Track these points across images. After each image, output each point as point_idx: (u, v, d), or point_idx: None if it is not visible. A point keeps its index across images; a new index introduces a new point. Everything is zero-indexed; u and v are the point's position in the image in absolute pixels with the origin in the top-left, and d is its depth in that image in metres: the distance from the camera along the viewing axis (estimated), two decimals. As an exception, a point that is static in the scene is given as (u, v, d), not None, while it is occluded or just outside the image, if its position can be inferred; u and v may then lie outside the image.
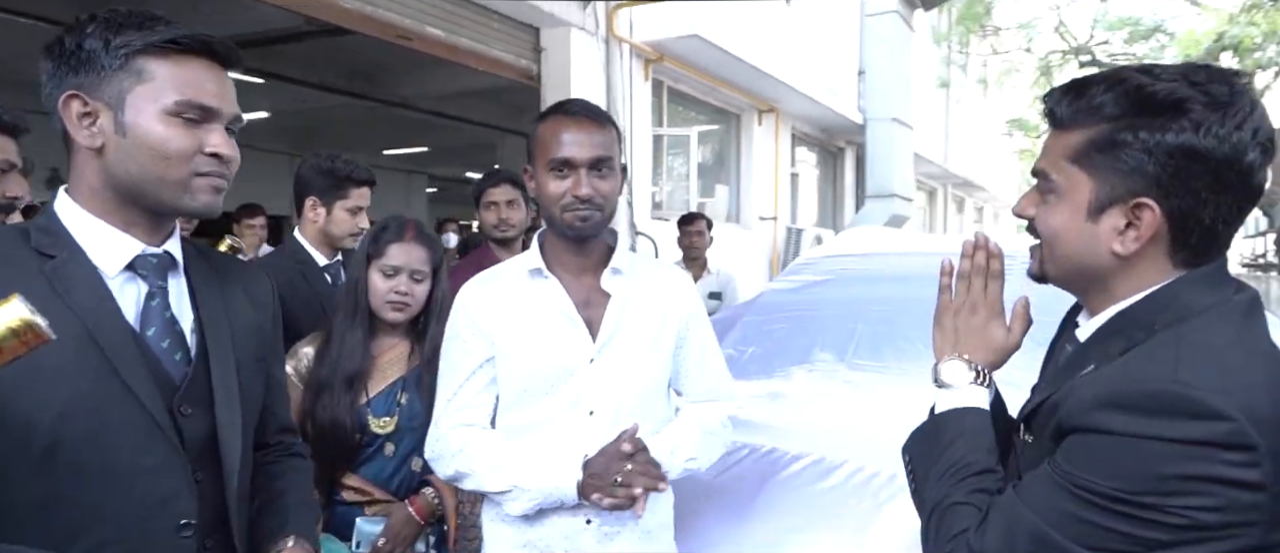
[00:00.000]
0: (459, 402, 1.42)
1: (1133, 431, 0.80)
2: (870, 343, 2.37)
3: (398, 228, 1.78)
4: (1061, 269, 0.95)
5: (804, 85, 8.16)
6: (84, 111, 0.97)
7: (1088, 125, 0.90)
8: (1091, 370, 0.89)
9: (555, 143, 1.35)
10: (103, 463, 0.95)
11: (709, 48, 6.60)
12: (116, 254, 1.00)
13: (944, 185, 15.82)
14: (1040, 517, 0.85)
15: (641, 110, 6.56)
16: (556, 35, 5.75)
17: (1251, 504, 0.78)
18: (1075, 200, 0.91)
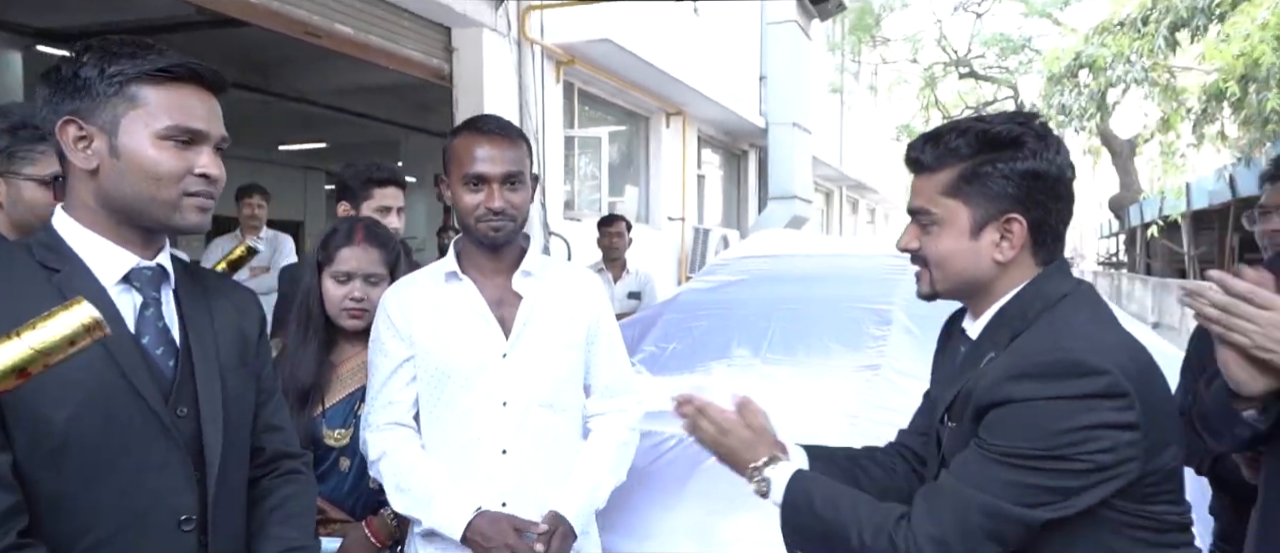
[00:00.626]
0: (382, 398, 1.53)
1: (1036, 394, 0.99)
2: (783, 339, 2.55)
3: (347, 231, 1.72)
4: (952, 283, 1.14)
5: (709, 90, 8.43)
6: (80, 135, 1.02)
7: (952, 165, 1.10)
8: (991, 357, 1.08)
9: (469, 158, 1.46)
10: (110, 461, 1.00)
11: (619, 52, 6.73)
12: (113, 267, 1.06)
13: (839, 187, 16.62)
14: (983, 491, 1.01)
15: (553, 112, 6.62)
16: (468, 35, 5.73)
17: (1131, 442, 0.97)
18: (957, 226, 1.11)
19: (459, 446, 1.50)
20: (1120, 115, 11.00)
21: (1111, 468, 0.98)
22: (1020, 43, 13.96)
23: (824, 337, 2.50)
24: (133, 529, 1.01)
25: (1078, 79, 9.27)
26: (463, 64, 5.78)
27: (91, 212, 1.05)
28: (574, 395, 1.59)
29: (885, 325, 2.47)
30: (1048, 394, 0.98)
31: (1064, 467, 0.98)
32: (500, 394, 1.50)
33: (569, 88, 7.11)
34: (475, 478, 1.49)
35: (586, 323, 1.59)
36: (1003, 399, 1.01)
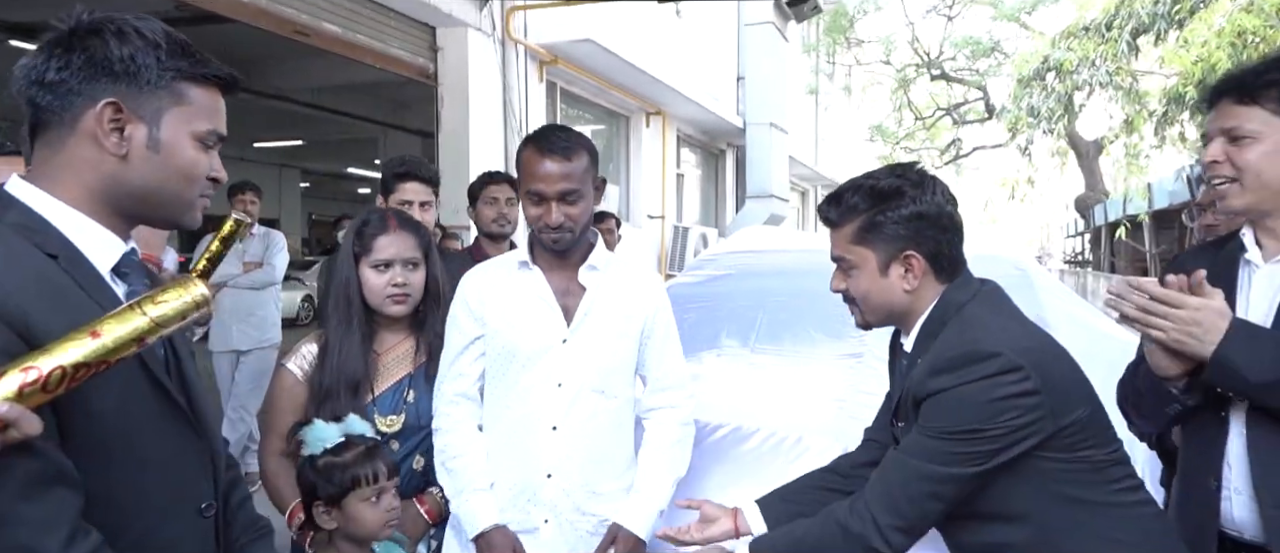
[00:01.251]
0: (454, 370, 1.67)
1: (952, 383, 1.23)
2: (770, 330, 2.66)
3: (380, 220, 1.74)
4: (877, 314, 1.39)
5: (688, 90, 8.56)
6: (115, 119, 0.97)
7: (853, 219, 1.35)
8: (923, 362, 1.31)
9: (529, 175, 1.58)
10: (144, 452, 0.99)
11: (601, 51, 6.83)
12: (107, 254, 1.01)
13: (814, 186, 16.86)
14: (920, 458, 1.26)
15: (536, 111, 6.69)
16: (454, 35, 5.79)
17: (1036, 405, 1.20)
18: (868, 268, 1.35)
19: (514, 419, 1.63)
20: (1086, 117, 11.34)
21: (1023, 429, 1.20)
22: (990, 46, 14.30)
23: (809, 327, 2.61)
24: (166, 520, 1.01)
25: (1046, 82, 9.56)
26: (447, 63, 5.85)
27: (89, 194, 0.98)
28: (625, 384, 1.70)
29: (867, 316, 2.60)
30: (959, 382, 1.22)
31: (983, 434, 1.21)
32: (556, 376, 1.62)
33: (551, 87, 7.19)
34: (526, 450, 1.62)
35: (643, 317, 1.70)
36: (929, 392, 1.26)
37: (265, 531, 1.23)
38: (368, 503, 1.50)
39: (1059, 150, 11.86)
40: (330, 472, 1.49)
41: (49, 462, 0.87)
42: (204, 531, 1.07)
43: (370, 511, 1.50)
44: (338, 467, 1.50)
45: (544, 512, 1.62)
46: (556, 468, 1.62)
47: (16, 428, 0.79)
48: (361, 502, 1.49)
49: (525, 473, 1.62)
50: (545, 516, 1.62)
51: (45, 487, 0.86)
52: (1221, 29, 7.42)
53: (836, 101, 16.34)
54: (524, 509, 1.62)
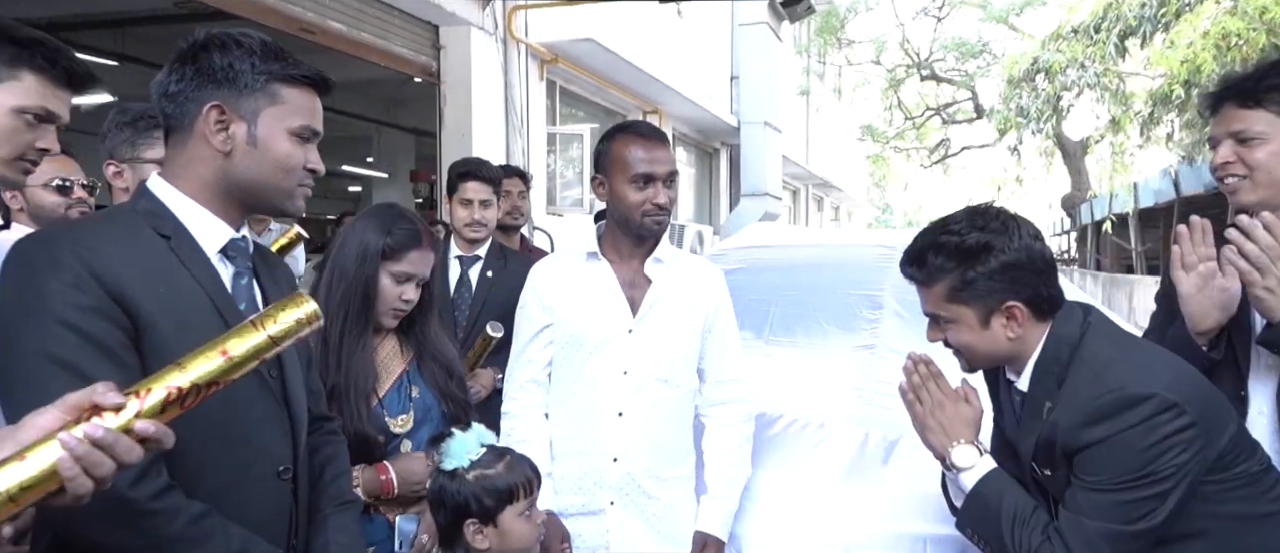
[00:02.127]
0: (524, 356, 1.76)
1: (1112, 431, 1.22)
2: (783, 322, 2.75)
3: (413, 234, 1.65)
4: (983, 362, 1.40)
5: (684, 89, 8.63)
6: (221, 120, 1.11)
7: (942, 279, 1.34)
8: (1050, 407, 1.31)
9: (637, 161, 1.65)
10: (226, 416, 1.09)
11: (601, 51, 6.89)
12: (215, 238, 1.15)
13: (806, 186, 17.00)
14: (1100, 519, 1.24)
15: (537, 109, 6.75)
16: (456, 33, 5.84)
17: (1195, 437, 1.21)
18: (968, 322, 1.35)
19: (583, 404, 1.71)
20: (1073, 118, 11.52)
21: (1188, 464, 1.21)
22: (978, 47, 14.47)
23: (821, 320, 2.70)
24: (243, 479, 1.11)
25: (1035, 83, 9.71)
26: (450, 61, 5.89)
27: (204, 186, 1.13)
28: (687, 374, 1.78)
29: (877, 309, 2.67)
30: (1118, 429, 1.22)
31: (1152, 479, 1.21)
32: (622, 364, 1.70)
33: (551, 86, 7.25)
34: (593, 434, 1.70)
35: (705, 311, 1.79)
36: (1085, 443, 1.25)
37: (351, 502, 1.30)
38: (523, 517, 1.41)
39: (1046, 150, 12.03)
40: (485, 485, 1.38)
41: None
42: (278, 492, 1.17)
43: (526, 526, 1.41)
44: (492, 478, 1.39)
45: (609, 494, 1.70)
46: (622, 452, 1.69)
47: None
48: (517, 517, 1.40)
49: (593, 456, 1.69)
50: (610, 498, 1.70)
51: None
52: (1207, 31, 7.57)
53: (827, 102, 16.47)
54: (590, 492, 1.70)
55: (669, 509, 1.73)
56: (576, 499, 1.69)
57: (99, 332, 1.00)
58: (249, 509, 1.10)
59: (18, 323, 1.00)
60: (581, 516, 1.69)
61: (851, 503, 1.80)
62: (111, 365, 0.99)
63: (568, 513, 1.69)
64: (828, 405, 2.14)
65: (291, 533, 1.19)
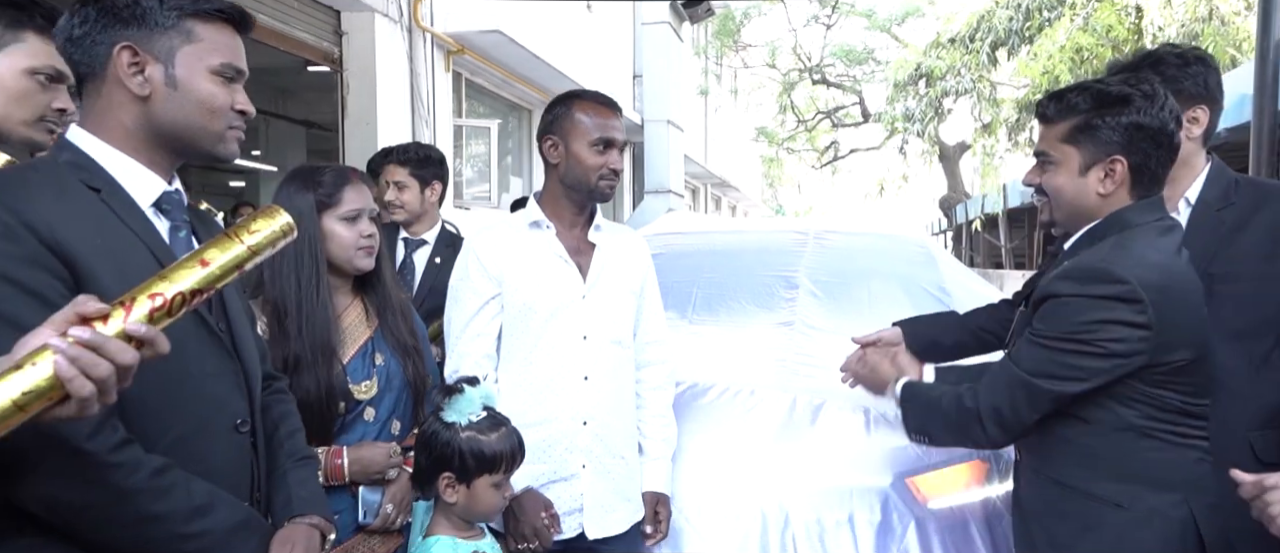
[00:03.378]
0: (471, 330, 1.72)
1: (1072, 292, 1.29)
2: (706, 303, 2.86)
3: (338, 174, 1.64)
4: (1064, 213, 1.41)
5: (590, 85, 8.66)
6: (134, 61, 1.05)
7: (1069, 118, 1.37)
8: (1064, 264, 1.39)
9: (598, 125, 1.69)
10: (180, 369, 1.06)
11: (508, 43, 6.84)
12: (147, 190, 1.10)
13: (705, 184, 17.40)
14: (1023, 368, 1.34)
15: (442, 101, 6.63)
16: (360, 20, 5.65)
17: (1141, 338, 1.27)
18: (1069, 166, 1.38)
19: (545, 372, 1.71)
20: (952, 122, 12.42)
21: (1122, 356, 1.28)
22: (864, 54, 15.31)
23: (742, 300, 2.84)
24: (200, 431, 1.09)
25: (918, 87, 10.41)
26: (353, 48, 5.69)
27: (128, 135, 1.07)
28: (631, 335, 1.85)
29: (793, 289, 2.84)
30: (1078, 293, 1.29)
31: (1082, 349, 1.28)
32: (581, 329, 1.73)
33: (457, 78, 7.13)
34: (561, 400, 1.71)
35: (640, 276, 1.86)
36: (1051, 293, 1.33)
37: (309, 457, 1.29)
38: (494, 488, 1.46)
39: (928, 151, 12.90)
40: (473, 447, 1.44)
41: None
42: (238, 445, 1.15)
43: (494, 496, 1.47)
44: (481, 443, 1.45)
45: (581, 457, 1.72)
46: (591, 415, 1.73)
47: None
48: (490, 486, 1.46)
49: (561, 422, 1.71)
50: (582, 461, 1.73)
51: None
52: (1063, 45, 8.37)
53: (725, 103, 16.95)
54: (561, 457, 1.71)
55: (631, 470, 1.80)
56: (546, 467, 1.70)
57: (37, 283, 0.95)
58: (209, 463, 1.09)
59: None
60: (554, 483, 1.70)
61: (783, 461, 1.93)
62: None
63: (539, 482, 1.69)
64: (755, 375, 2.27)
65: (254, 486, 1.18)
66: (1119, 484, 1.33)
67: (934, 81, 9.90)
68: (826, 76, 15.73)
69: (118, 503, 0.97)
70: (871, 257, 3.06)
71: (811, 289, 2.85)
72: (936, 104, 10.40)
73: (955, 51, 9.58)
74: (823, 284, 2.85)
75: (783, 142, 18.46)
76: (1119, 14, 7.89)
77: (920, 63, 10.25)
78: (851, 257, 3.03)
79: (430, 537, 1.49)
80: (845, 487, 1.85)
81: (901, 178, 12.04)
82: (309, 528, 1.18)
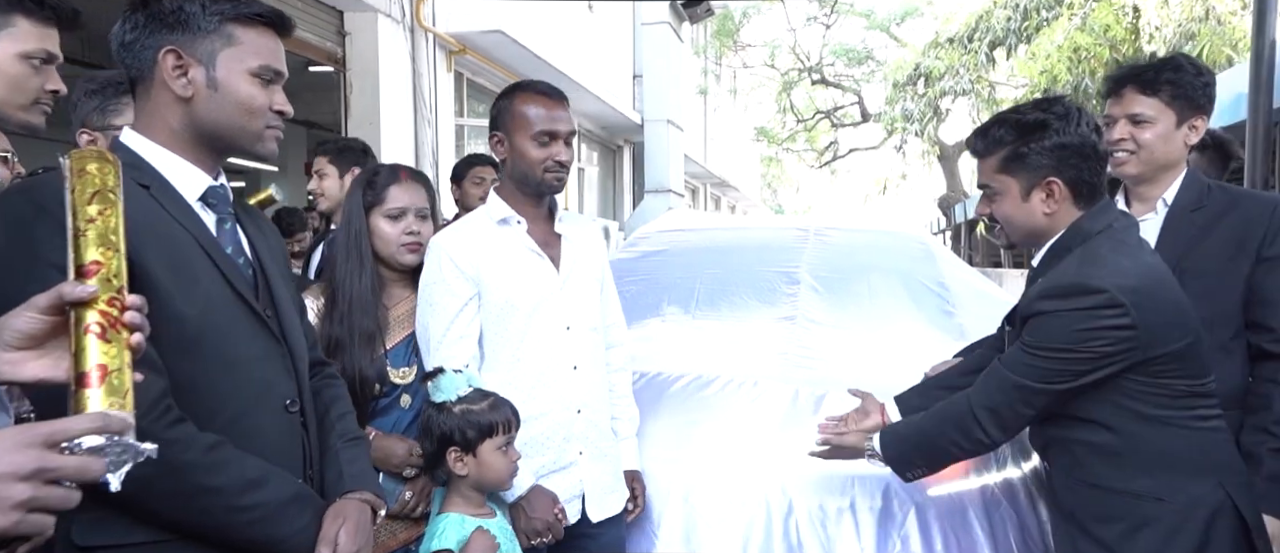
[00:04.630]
0: (454, 334, 1.67)
1: (1055, 308, 1.37)
2: (708, 298, 2.90)
3: (390, 172, 1.76)
4: (1019, 235, 1.51)
5: (591, 85, 8.73)
6: (177, 64, 1.12)
7: (998, 150, 1.47)
8: (1040, 282, 1.47)
9: (540, 118, 1.69)
10: (230, 352, 1.12)
11: (509, 43, 6.88)
12: (194, 185, 1.16)
13: (704, 184, 17.44)
14: (1016, 372, 1.41)
15: (444, 101, 6.66)
16: (363, 20, 5.70)
17: (1128, 338, 1.33)
18: (1012, 194, 1.47)
19: (535, 365, 1.71)
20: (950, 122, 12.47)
21: (1111, 356, 1.35)
22: (864, 54, 15.36)
23: (744, 295, 2.87)
24: (251, 411, 1.14)
25: (917, 87, 10.46)
26: (356, 48, 5.74)
27: (174, 135, 1.14)
28: (602, 321, 1.88)
29: (794, 284, 2.88)
30: (1063, 308, 1.36)
31: (1073, 356, 1.36)
32: (563, 320, 1.74)
33: (459, 78, 7.17)
34: (556, 391, 1.72)
35: (602, 263, 1.89)
36: (1035, 312, 1.41)
37: (359, 438, 1.33)
38: (500, 452, 1.53)
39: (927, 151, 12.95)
40: (469, 418, 1.51)
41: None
42: (288, 424, 1.20)
43: (502, 459, 1.53)
44: (475, 413, 1.51)
45: (578, 445, 1.75)
46: (584, 404, 1.76)
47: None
48: (495, 451, 1.52)
49: (557, 413, 1.72)
50: (579, 448, 1.75)
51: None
52: (1061, 44, 8.42)
53: (724, 103, 16.99)
54: (559, 448, 1.73)
55: (617, 451, 1.86)
56: (545, 459, 1.71)
57: None
58: (261, 441, 1.13)
59: (10, 272, 0.99)
60: (555, 473, 1.72)
61: (786, 450, 1.96)
62: None
63: (540, 474, 1.70)
64: (758, 368, 2.31)
65: (306, 463, 1.22)
66: (1154, 478, 1.37)
67: (932, 82, 9.95)
68: (825, 76, 15.77)
69: (173, 477, 1.01)
70: (871, 252, 3.10)
71: (812, 284, 2.89)
72: (935, 104, 10.45)
73: (953, 51, 9.63)
74: (823, 279, 2.89)
75: (782, 141, 18.51)
76: (1117, 14, 7.94)
77: (919, 63, 10.30)
78: (852, 252, 3.07)
79: (441, 515, 1.54)
80: (847, 474, 1.89)
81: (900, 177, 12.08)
82: (360, 503, 1.22)
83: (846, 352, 2.46)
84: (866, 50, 15.47)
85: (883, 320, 2.68)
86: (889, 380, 2.27)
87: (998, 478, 1.96)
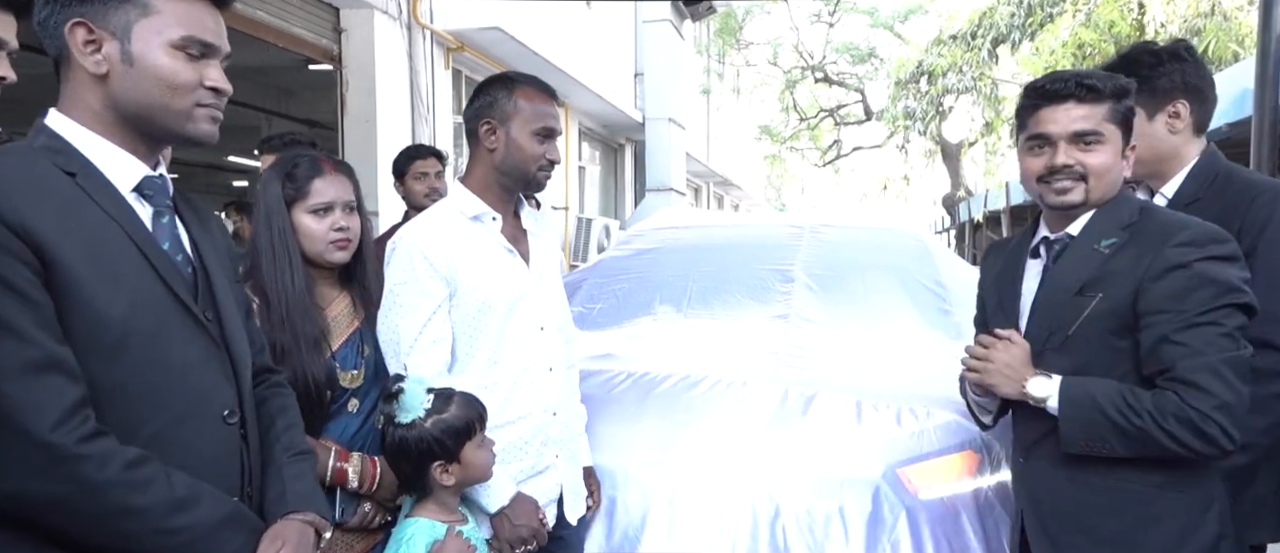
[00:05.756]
0: (428, 336, 1.59)
1: (1197, 257, 1.31)
2: (701, 296, 2.87)
3: (311, 163, 1.59)
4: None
5: (591, 83, 8.68)
6: (89, 39, 1.01)
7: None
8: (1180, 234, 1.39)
9: (542, 114, 1.64)
10: (161, 357, 1.03)
11: (508, 40, 6.83)
12: (127, 174, 1.05)
13: (707, 183, 17.37)
14: (1213, 352, 1.26)
15: (442, 98, 6.62)
16: (359, 16, 5.66)
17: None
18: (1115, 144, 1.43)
19: (514, 367, 1.64)
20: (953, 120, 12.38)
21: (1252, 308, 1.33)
22: (867, 52, 15.27)
23: (737, 293, 2.84)
24: (185, 422, 1.05)
25: (919, 85, 10.38)
26: (352, 46, 5.70)
27: (98, 117, 1.03)
28: (567, 319, 1.85)
29: (789, 282, 2.84)
30: (1204, 256, 1.33)
31: (1239, 305, 1.31)
32: (537, 320, 1.68)
33: (457, 75, 7.13)
34: (532, 394, 1.66)
35: (558, 258, 1.85)
36: (1176, 264, 1.33)
37: (306, 452, 1.25)
38: (480, 447, 1.48)
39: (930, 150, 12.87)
40: (445, 428, 1.44)
41: (42, 350, 0.93)
42: (227, 437, 1.11)
43: (483, 454, 1.48)
44: (449, 421, 1.44)
45: (555, 448, 1.71)
46: (559, 405, 1.72)
47: None
48: (476, 448, 1.47)
49: (535, 416, 1.67)
50: (556, 451, 1.71)
51: (36, 374, 0.92)
52: (1065, 40, 8.34)
53: (727, 101, 16.92)
54: (537, 452, 1.67)
55: (584, 450, 1.84)
56: (525, 463, 1.66)
57: (1, 268, 0.92)
58: (195, 455, 1.05)
59: None
60: (533, 477, 1.67)
61: (774, 452, 1.92)
62: (19, 304, 0.92)
63: (519, 480, 1.65)
64: (748, 367, 2.26)
65: (245, 481, 1.13)
66: (1166, 472, 1.32)
67: (935, 79, 9.88)
68: (829, 74, 15.69)
69: (89, 497, 0.93)
70: (867, 250, 3.06)
71: (807, 282, 2.85)
72: (937, 102, 10.37)
73: (956, 49, 9.56)
74: (818, 277, 2.85)
75: (785, 140, 18.42)
76: (1121, 9, 7.86)
77: (921, 60, 10.22)
78: (847, 250, 3.03)
79: (409, 519, 1.49)
80: (836, 478, 1.85)
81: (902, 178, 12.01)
82: (302, 525, 1.13)
83: (840, 350, 2.42)
84: (870, 48, 15.38)
85: (878, 319, 2.64)
86: (883, 379, 2.23)
87: (991, 481, 1.91)
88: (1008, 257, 1.55)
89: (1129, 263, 1.35)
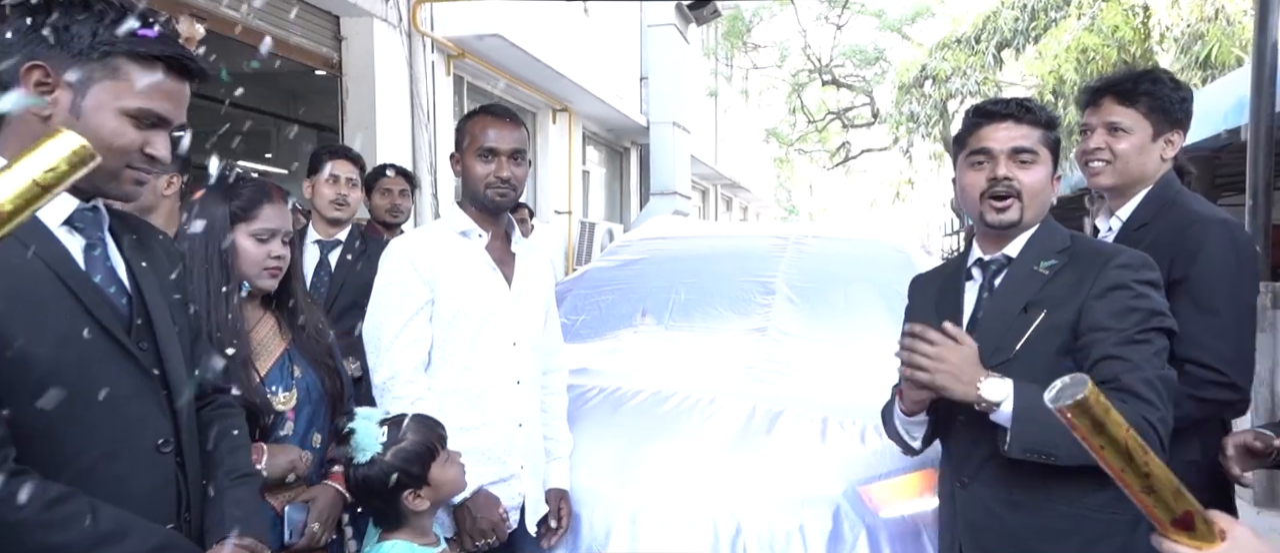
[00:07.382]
0: (407, 336, 1.71)
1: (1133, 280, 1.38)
2: (682, 308, 2.88)
3: (259, 188, 1.60)
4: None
5: (594, 87, 8.71)
6: (42, 83, 1.02)
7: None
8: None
9: (483, 135, 1.74)
10: (89, 392, 1.03)
11: (508, 47, 6.87)
12: (55, 208, 1.04)
13: (714, 186, 17.37)
14: (1150, 369, 1.30)
15: (443, 105, 6.67)
16: (359, 25, 5.72)
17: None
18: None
19: (481, 376, 1.75)
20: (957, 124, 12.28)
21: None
22: (875, 55, 15.21)
23: (718, 305, 2.85)
24: (117, 455, 1.05)
25: (923, 89, 10.33)
26: (352, 53, 5.76)
27: None
28: (543, 342, 1.91)
29: (770, 295, 2.85)
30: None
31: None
32: (510, 335, 1.77)
33: (459, 82, 7.18)
34: (497, 404, 1.75)
35: (549, 288, 1.92)
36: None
37: (249, 476, 1.27)
38: (447, 464, 1.50)
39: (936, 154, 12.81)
40: (406, 457, 1.45)
41: None
42: (161, 466, 1.11)
43: (451, 469, 1.51)
44: (408, 449, 1.46)
45: (519, 458, 1.79)
46: (525, 418, 1.79)
47: None
48: (443, 466, 1.49)
49: (500, 425, 1.76)
50: (521, 462, 1.79)
51: None
52: (1069, 45, 8.28)
53: (735, 104, 16.90)
54: (501, 460, 1.76)
55: (547, 471, 1.89)
56: (490, 468, 1.73)
57: None
58: (127, 487, 1.06)
59: None
60: (497, 483, 1.75)
61: (737, 471, 1.94)
62: None
63: (484, 484, 1.72)
64: (718, 383, 2.28)
65: (181, 509, 1.13)
66: (1106, 494, 1.29)
67: (940, 83, 9.83)
68: (836, 77, 15.64)
69: (8, 536, 0.94)
70: (849, 262, 3.07)
71: (788, 295, 2.86)
72: (942, 106, 10.32)
73: (961, 52, 9.51)
74: (799, 289, 2.86)
75: (793, 143, 18.38)
76: (1125, 14, 7.80)
77: (925, 64, 10.18)
78: (829, 262, 3.04)
79: (386, 541, 1.50)
80: (797, 496, 1.86)
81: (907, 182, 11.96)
82: (237, 549, 1.13)
83: (814, 365, 2.43)
84: (878, 51, 15.31)
85: (856, 332, 2.65)
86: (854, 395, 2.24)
87: (954, 499, 1.92)
88: (945, 282, 1.57)
89: (1070, 284, 1.38)
